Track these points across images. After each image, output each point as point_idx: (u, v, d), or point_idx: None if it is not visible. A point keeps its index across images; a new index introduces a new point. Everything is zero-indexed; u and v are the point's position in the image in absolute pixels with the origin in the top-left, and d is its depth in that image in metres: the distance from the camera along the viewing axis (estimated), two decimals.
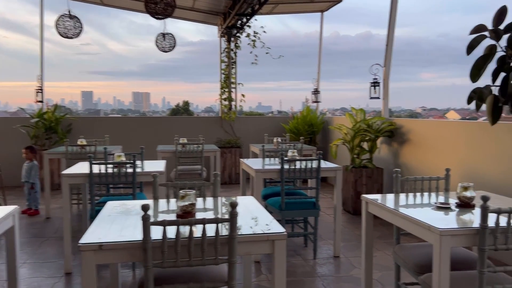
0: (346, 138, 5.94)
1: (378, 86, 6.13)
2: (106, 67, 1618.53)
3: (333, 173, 4.05)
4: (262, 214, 2.23)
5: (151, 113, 75.02)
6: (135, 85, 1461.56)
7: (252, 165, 4.16)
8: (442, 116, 33.95)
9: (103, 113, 59.44)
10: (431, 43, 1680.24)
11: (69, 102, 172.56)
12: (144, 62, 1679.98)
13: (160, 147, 6.05)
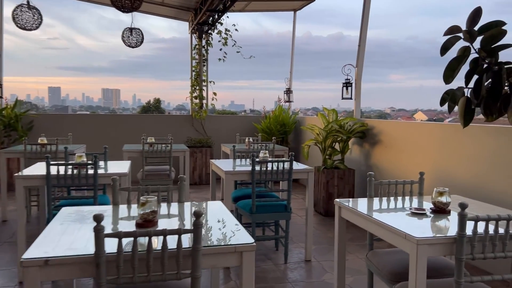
0: (318, 139, 5.86)
1: (350, 87, 6.09)
2: (74, 63, 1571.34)
3: (305, 174, 3.94)
4: (231, 222, 2.09)
5: (121, 110, 73.61)
6: (105, 81, 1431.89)
7: (222, 166, 4.00)
8: (410, 116, 34.74)
9: (71, 109, 57.74)
10: (400, 45, 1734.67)
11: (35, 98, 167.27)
12: (115, 58, 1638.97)
13: (127, 147, 5.80)
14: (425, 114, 34.29)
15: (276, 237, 4.02)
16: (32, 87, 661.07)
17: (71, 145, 5.96)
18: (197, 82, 8.15)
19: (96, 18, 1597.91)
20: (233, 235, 1.85)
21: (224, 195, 3.79)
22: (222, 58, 8.04)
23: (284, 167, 3.78)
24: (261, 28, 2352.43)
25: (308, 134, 7.47)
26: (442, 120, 23.42)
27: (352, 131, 5.73)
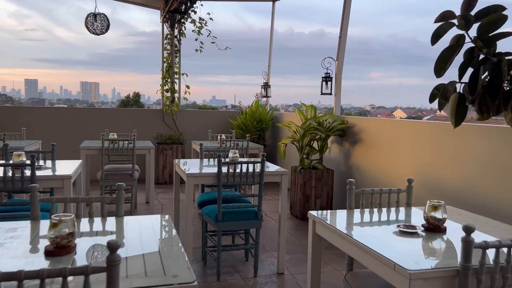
0: (295, 137, 5.45)
1: (330, 81, 5.70)
2: (53, 55, 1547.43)
3: (278, 177, 3.52)
4: (171, 248, 1.64)
5: (100, 104, 71.89)
6: (84, 74, 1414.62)
7: (185, 168, 3.55)
8: (390, 114, 34.87)
9: (48, 102, 56.26)
10: (380, 43, 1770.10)
11: (11, 90, 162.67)
12: (94, 51, 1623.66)
13: (86, 143, 5.27)
14: (404, 112, 34.48)
15: (245, 248, 3.59)
16: (8, 79, 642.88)
17: (25, 141, 5.41)
18: (168, 74, 7.63)
19: (75, 10, 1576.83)
20: (168, 271, 1.40)
21: (186, 201, 3.34)
22: (199, 49, 7.56)
23: (255, 169, 3.35)
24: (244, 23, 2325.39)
25: (285, 132, 7.06)
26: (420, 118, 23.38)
27: (331, 128, 5.34)
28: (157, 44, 7.79)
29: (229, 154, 3.74)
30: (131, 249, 1.58)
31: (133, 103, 33.97)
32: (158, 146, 7.13)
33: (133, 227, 1.91)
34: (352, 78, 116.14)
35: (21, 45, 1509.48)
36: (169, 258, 1.50)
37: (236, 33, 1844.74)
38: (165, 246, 1.65)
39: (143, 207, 5.60)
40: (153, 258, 1.50)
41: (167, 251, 1.57)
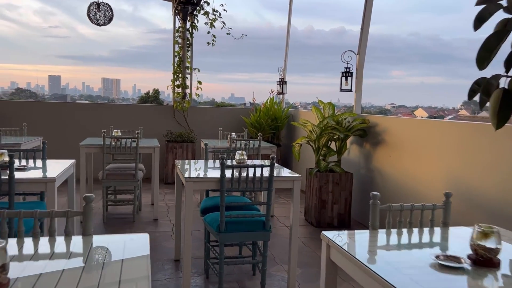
0: (311, 137, 5.03)
1: (350, 77, 5.25)
2: (75, 52, 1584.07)
3: (289, 183, 3.11)
4: None
5: (120, 100, 72.48)
6: (105, 71, 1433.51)
7: (185, 170, 3.18)
8: (411, 113, 33.97)
9: (70, 98, 57.08)
10: (402, 41, 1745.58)
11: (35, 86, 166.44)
12: (115, 47, 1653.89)
13: (88, 141, 4.96)
14: (425, 111, 33.55)
15: (252, 262, 3.19)
16: (32, 75, 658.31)
17: (25, 137, 5.14)
18: (179, 69, 7.29)
19: None
20: None
21: (185, 209, 2.96)
22: (211, 43, 7.22)
23: (264, 174, 2.95)
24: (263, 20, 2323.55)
25: (301, 131, 6.63)
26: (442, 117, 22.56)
27: (350, 128, 4.90)
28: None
29: (236, 155, 3.35)
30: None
31: (152, 99, 33.99)
32: (168, 144, 6.80)
33: (95, 251, 1.54)
34: (372, 76, 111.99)
35: (45, 42, 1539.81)
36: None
37: (255, 31, 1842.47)
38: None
39: (147, 209, 5.27)
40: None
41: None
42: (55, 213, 1.64)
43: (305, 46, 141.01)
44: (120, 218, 4.88)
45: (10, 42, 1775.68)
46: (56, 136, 6.82)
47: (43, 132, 6.60)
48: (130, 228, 4.51)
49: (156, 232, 4.42)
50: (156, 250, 3.87)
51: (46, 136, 6.68)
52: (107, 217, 4.86)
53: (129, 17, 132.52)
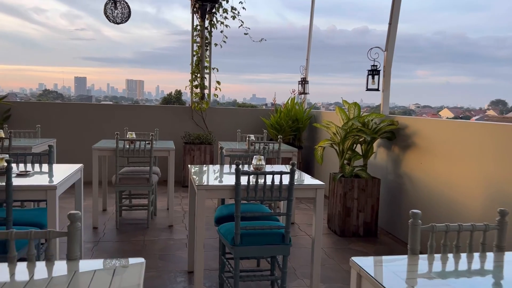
0: (334, 139, 4.71)
1: (378, 75, 4.91)
2: (100, 54, 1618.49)
3: (311, 192, 2.82)
4: None
5: (144, 101, 73.34)
6: (129, 72, 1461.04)
7: (197, 177, 2.93)
8: (436, 113, 33.05)
9: (95, 99, 58.06)
10: (427, 40, 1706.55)
11: (62, 87, 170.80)
12: (139, 49, 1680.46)
13: (102, 143, 4.78)
14: (451, 111, 32.60)
15: (270, 278, 2.91)
16: (59, 77, 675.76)
17: (39, 139, 5.01)
18: (198, 69, 7.07)
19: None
20: None
21: (197, 219, 2.71)
22: (220, 44, 7.02)
23: (283, 182, 2.67)
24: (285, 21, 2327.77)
25: (324, 133, 6.31)
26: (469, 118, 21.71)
27: (378, 130, 4.56)
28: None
29: (253, 160, 3.08)
30: None
31: (175, 100, 34.16)
32: (185, 146, 6.59)
33: (77, 281, 1.29)
34: (396, 76, 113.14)
35: (71, 44, 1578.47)
36: None
37: (277, 31, 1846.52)
38: None
39: (163, 214, 5.06)
40: None
41: None
42: (34, 234, 1.40)
43: (328, 46, 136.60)
44: (133, 224, 4.68)
45: (38, 45, 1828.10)
46: (72, 138, 6.71)
47: (60, 134, 6.49)
48: (143, 235, 4.29)
49: (170, 239, 4.19)
50: (169, 260, 3.64)
51: (63, 138, 6.58)
52: (120, 223, 4.67)
53: (152, 19, 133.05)
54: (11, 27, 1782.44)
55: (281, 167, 3.54)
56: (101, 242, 4.05)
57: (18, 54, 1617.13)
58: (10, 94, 11.64)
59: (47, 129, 6.61)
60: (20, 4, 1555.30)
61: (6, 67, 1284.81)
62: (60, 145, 6.59)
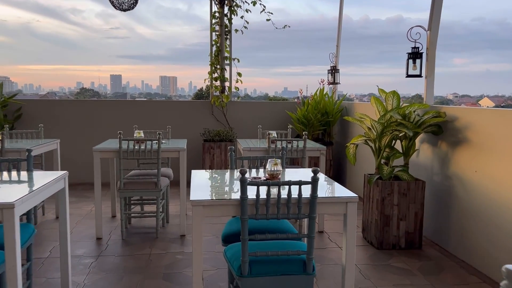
0: (369, 135, 4.03)
1: (420, 58, 4.18)
2: (134, 51, 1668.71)
3: (340, 207, 2.19)
4: None
5: (177, 97, 74.03)
6: (163, 69, 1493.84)
7: (196, 188, 2.36)
8: (475, 103, 31.36)
9: (129, 96, 59.02)
10: (465, 27, 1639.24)
11: (99, 85, 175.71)
12: (172, 46, 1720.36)
13: (107, 143, 4.30)
14: (491, 100, 30.90)
15: None
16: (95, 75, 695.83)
17: (41, 140, 4.60)
18: (217, 60, 6.51)
19: (154, 7, 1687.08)
20: None
21: (193, 245, 2.13)
22: (241, 30, 6.44)
23: (302, 194, 2.06)
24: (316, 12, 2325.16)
25: (357, 128, 5.62)
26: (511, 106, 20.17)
27: (421, 123, 3.86)
28: (233, 38, 6.68)
29: (267, 165, 2.47)
30: None
31: (206, 95, 34.16)
32: (204, 144, 6.06)
33: None
34: None
35: (106, 43, 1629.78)
36: None
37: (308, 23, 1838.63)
38: None
39: (176, 221, 4.54)
40: None
41: None
42: None
43: (361, 37, 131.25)
44: (142, 233, 4.18)
45: (75, 45, 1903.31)
46: (85, 137, 6.31)
47: (72, 133, 6.13)
48: (150, 247, 3.79)
49: (179, 253, 3.66)
50: (174, 280, 3.11)
51: (75, 137, 6.20)
52: (128, 232, 4.19)
53: (184, 15, 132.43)
54: (51, 28, 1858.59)
55: (305, 172, 2.92)
56: (101, 257, 3.57)
57: (57, 54, 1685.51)
58: (49, 93, 11.55)
59: (59, 128, 6.26)
60: (58, 5, 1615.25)
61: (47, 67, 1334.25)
62: (72, 145, 6.22)
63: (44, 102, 6.73)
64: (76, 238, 4.01)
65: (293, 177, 2.62)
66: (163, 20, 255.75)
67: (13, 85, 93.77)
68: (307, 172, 2.87)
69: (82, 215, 4.75)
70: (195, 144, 6.44)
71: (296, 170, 3.03)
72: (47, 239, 3.98)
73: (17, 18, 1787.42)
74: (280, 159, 2.60)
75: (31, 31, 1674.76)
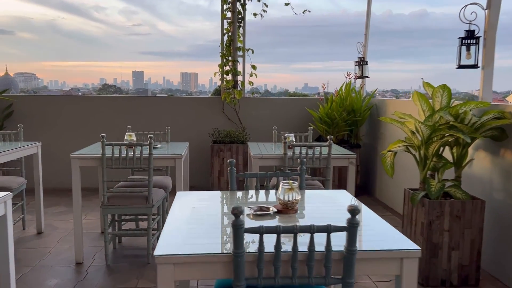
0: (413, 140, 3.21)
1: (476, 45, 3.33)
2: (156, 48, 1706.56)
3: (392, 265, 1.40)
4: None
5: (198, 93, 73.72)
6: (184, 65, 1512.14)
7: (170, 226, 1.61)
8: (502, 99, 29.90)
9: (151, 92, 59.08)
10: None
11: (121, 81, 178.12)
12: (193, 42, 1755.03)
13: (91, 148, 3.60)
14: None
15: None
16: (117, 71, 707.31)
17: (21, 143, 3.94)
18: (229, 51, 5.76)
19: (175, 4, 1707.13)
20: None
21: None
22: (260, 13, 5.65)
23: (331, 245, 1.28)
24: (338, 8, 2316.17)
25: (392, 129, 4.79)
26: None
27: (479, 126, 3.02)
28: (251, 33, 5.93)
29: (279, 190, 1.70)
30: None
31: None
32: (213, 146, 5.33)
33: None
34: (453, 60, 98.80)
35: (129, 40, 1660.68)
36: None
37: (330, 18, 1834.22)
38: None
39: None
40: None
41: None
42: None
43: (383, 32, 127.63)
44: (132, 256, 3.48)
45: (98, 41, 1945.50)
46: (82, 136, 5.66)
47: (68, 131, 5.49)
48: (137, 277, 3.07)
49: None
50: None
51: (71, 135, 5.56)
52: (115, 255, 3.49)
53: (205, 12, 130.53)
54: (75, 25, 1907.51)
55: (333, 197, 2.14)
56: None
57: (81, 51, 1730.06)
58: (73, 89, 11.08)
59: (56, 127, 5.64)
60: (81, 3, 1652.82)
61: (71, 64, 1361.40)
62: (68, 145, 5.59)
63: (38, 98, 6.11)
64: (52, 262, 3.33)
65: (317, 208, 1.85)
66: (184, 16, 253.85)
67: (39, 81, 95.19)
68: (336, 196, 2.09)
69: (68, 230, 4.08)
70: (203, 145, 5.72)
71: (320, 193, 2.25)
72: (20, 262, 3.31)
73: (42, 16, 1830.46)
74: (297, 179, 1.83)
75: (56, 28, 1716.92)
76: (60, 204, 4.93)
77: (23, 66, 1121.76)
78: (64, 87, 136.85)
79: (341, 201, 1.96)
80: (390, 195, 4.86)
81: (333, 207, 1.87)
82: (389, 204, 4.86)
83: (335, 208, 1.85)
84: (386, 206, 4.89)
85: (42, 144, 5.39)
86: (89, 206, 4.83)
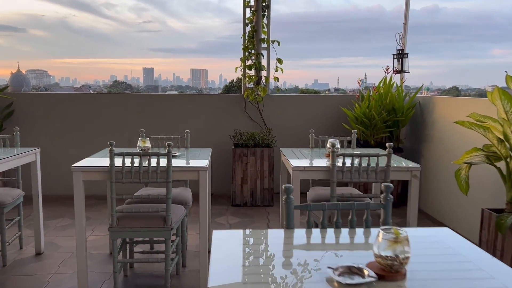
0: (497, 150, 2.57)
1: None
2: (166, 44, 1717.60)
3: None
4: None
5: (208, 90, 73.17)
6: (193, 62, 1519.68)
7: None
8: None
9: (161, 89, 58.82)
10: (505, 17, 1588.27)
11: (132, 78, 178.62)
12: (203, 39, 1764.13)
13: (97, 157, 3.03)
14: None
15: None
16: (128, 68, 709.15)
17: (17, 149, 3.38)
18: (252, 43, 5.15)
19: (185, 1, 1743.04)
20: None
21: None
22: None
23: None
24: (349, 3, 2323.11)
25: (443, 132, 4.14)
26: None
27: None
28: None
29: (377, 241, 1.10)
30: None
31: (236, 88, 33.29)
32: (235, 150, 4.74)
33: None
34: (468, 56, 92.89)
35: (139, 37, 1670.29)
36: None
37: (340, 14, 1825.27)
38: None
39: (195, 264, 3.22)
40: None
41: None
42: None
43: (393, 28, 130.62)
44: (146, 286, 2.90)
45: (109, 38, 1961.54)
46: (92, 135, 5.11)
47: (74, 131, 4.94)
48: None
49: None
50: None
51: (76, 137, 5.02)
52: (126, 283, 2.92)
53: (215, 8, 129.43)
54: (86, 23, 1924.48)
55: (438, 239, 1.52)
56: None
57: (92, 48, 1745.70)
58: (84, 86, 10.72)
59: (62, 127, 5.11)
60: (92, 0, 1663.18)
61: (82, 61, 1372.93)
62: (77, 147, 5.05)
63: (42, 96, 5.56)
64: None
65: (429, 265, 1.24)
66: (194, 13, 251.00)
67: (50, 78, 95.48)
68: (443, 241, 1.47)
69: (72, 249, 3.51)
70: (223, 148, 5.13)
71: (417, 233, 1.62)
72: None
73: (54, 13, 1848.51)
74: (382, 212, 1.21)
75: (68, 26, 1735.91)
76: (64, 216, 4.38)
77: (35, 63, 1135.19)
78: (76, 84, 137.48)
79: (456, 249, 1.35)
80: (438, 207, 4.22)
81: (451, 261, 1.26)
82: (438, 217, 4.23)
83: (455, 260, 1.25)
84: (434, 219, 4.27)
85: (46, 146, 4.86)
86: (98, 219, 4.27)
